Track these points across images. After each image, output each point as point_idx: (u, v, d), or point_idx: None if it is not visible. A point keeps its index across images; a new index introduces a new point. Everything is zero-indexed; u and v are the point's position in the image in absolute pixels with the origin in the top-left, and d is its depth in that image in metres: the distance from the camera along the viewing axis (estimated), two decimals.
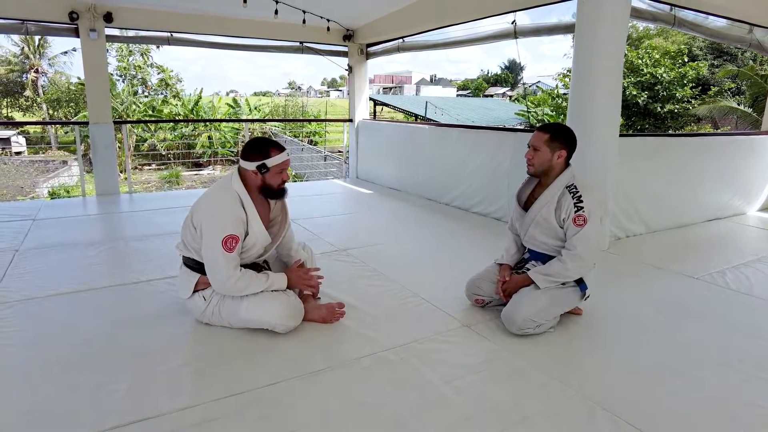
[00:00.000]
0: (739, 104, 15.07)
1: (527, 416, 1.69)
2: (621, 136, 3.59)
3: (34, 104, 26.05)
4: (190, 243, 2.20)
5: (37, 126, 25.86)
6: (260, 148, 2.13)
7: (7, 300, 2.57)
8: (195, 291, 2.24)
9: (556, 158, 2.24)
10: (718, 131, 13.89)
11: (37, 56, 25.34)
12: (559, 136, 2.24)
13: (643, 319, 2.51)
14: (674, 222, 4.39)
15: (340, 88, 61.30)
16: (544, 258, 2.35)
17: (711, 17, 4.47)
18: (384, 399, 1.78)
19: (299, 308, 2.24)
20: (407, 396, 1.80)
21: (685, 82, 15.50)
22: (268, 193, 2.19)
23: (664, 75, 15.38)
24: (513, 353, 2.10)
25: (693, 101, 15.83)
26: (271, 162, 2.12)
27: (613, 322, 2.48)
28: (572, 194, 2.20)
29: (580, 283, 2.28)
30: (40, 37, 23.79)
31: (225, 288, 2.11)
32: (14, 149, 21.51)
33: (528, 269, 2.37)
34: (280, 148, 2.17)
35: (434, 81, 57.71)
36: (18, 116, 27.18)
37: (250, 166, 2.12)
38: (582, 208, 2.16)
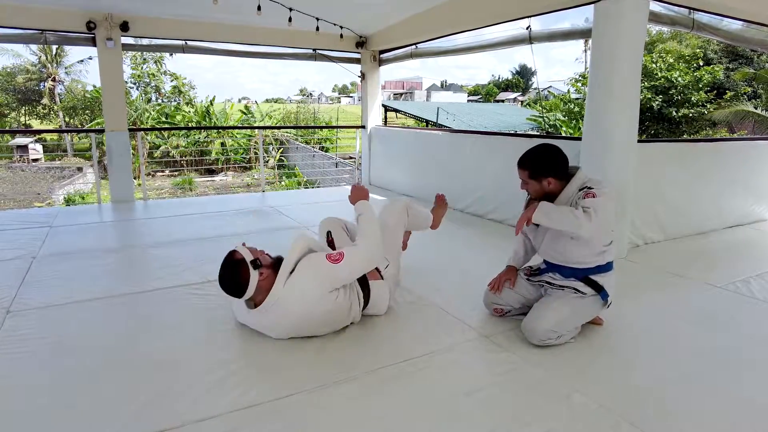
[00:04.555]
0: (755, 108, 14.86)
1: (550, 429, 1.65)
2: (639, 141, 3.54)
3: (51, 112, 26.53)
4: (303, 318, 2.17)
5: (53, 133, 26.34)
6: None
7: (26, 307, 2.58)
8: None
9: (547, 185, 2.19)
10: (736, 136, 13.69)
11: (54, 65, 25.83)
12: (538, 169, 2.18)
13: (666, 329, 2.45)
14: (693, 229, 4.31)
15: (350, 95, 61.55)
16: (561, 269, 2.29)
17: (730, 20, 4.39)
18: (403, 411, 1.75)
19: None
20: (427, 408, 1.77)
21: (701, 86, 15.31)
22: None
23: (679, 79, 15.22)
24: (534, 364, 2.06)
25: (708, 105, 15.63)
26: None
27: (635, 332, 2.42)
28: (582, 190, 2.12)
29: (601, 291, 2.23)
30: (57, 46, 24.26)
31: (376, 252, 2.28)
32: (31, 156, 21.93)
33: (547, 282, 2.33)
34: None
35: (445, 86, 57.68)
36: (35, 124, 27.70)
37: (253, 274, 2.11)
38: (591, 188, 2.09)
